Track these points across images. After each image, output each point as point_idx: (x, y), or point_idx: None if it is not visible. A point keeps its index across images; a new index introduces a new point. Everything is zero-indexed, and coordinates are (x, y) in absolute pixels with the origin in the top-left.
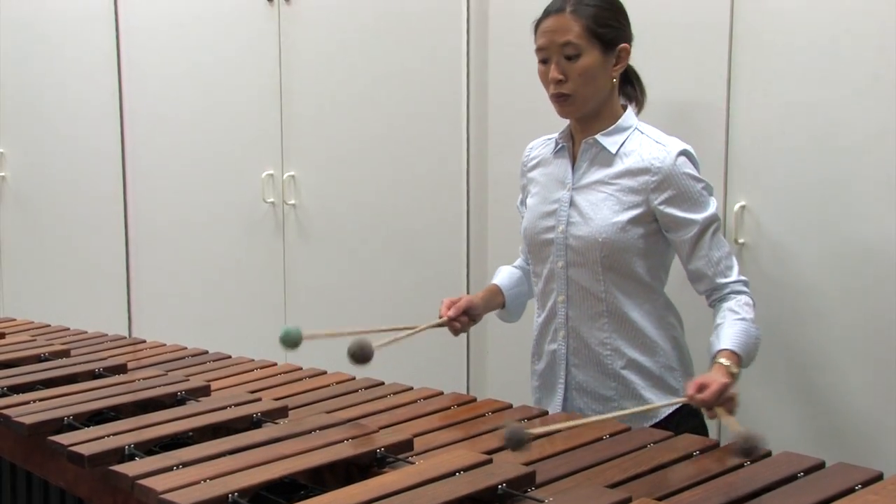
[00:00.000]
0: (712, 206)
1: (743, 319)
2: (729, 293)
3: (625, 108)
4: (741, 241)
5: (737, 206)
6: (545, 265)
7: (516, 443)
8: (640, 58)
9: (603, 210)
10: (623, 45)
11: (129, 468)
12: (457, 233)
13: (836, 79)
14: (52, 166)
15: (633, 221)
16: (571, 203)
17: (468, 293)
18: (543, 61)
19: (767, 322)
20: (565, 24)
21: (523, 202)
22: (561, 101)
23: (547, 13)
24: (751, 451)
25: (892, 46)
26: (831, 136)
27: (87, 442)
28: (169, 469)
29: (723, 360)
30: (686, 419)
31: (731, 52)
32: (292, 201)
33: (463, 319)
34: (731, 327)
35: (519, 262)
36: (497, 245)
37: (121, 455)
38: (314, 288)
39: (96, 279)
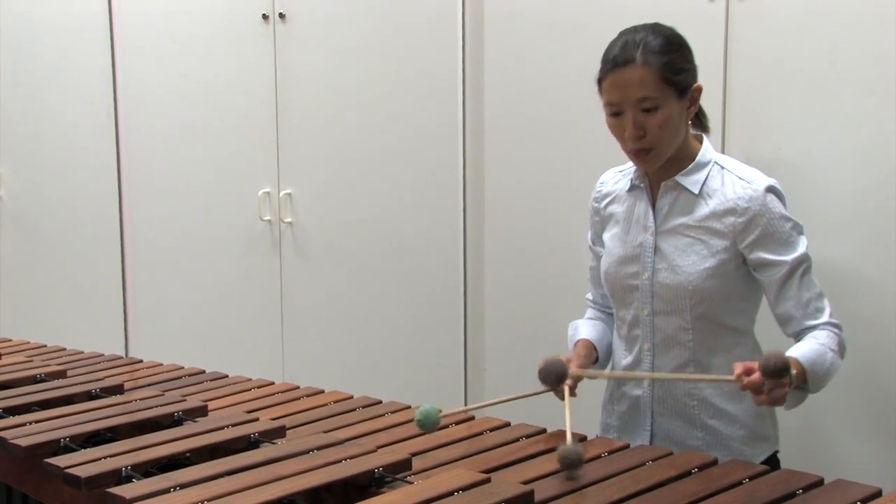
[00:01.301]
0: (802, 246)
1: (823, 345)
2: (818, 330)
3: (699, 140)
4: None
5: None
6: (629, 310)
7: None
8: None
9: (690, 256)
10: (696, 85)
11: (126, 490)
12: (453, 250)
13: (832, 95)
14: (48, 186)
15: (721, 266)
16: (656, 249)
17: (465, 310)
18: (614, 114)
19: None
20: (638, 76)
21: (595, 241)
22: (642, 155)
23: (614, 64)
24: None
25: (888, 64)
26: (828, 153)
27: (83, 464)
28: (166, 491)
29: None
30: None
31: (725, 73)
32: (289, 219)
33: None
34: (807, 345)
35: (591, 312)
36: (493, 260)
37: (118, 477)
38: (311, 306)
39: (92, 298)
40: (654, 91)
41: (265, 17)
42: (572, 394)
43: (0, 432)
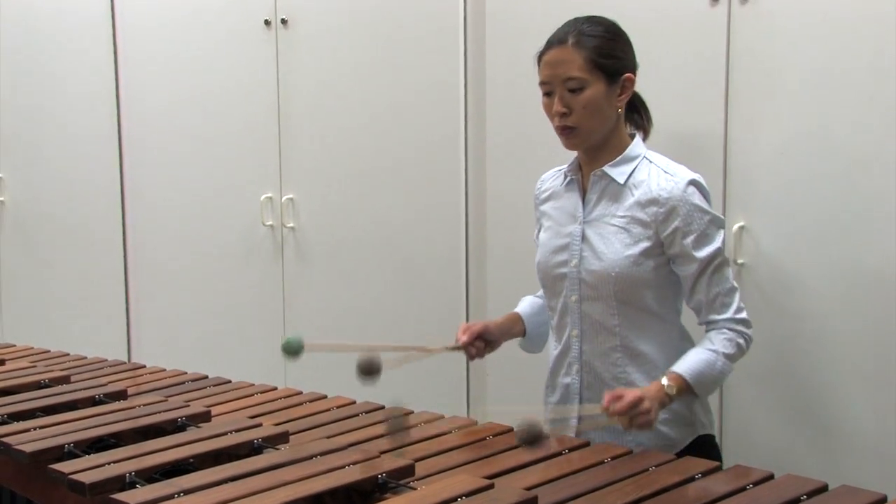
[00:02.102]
0: (717, 241)
1: (713, 351)
2: (719, 329)
3: (632, 137)
4: (740, 261)
5: (735, 227)
6: (559, 299)
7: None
8: (639, 82)
9: (615, 244)
10: (627, 74)
11: (130, 496)
12: (455, 255)
13: (833, 100)
14: (51, 191)
15: (644, 254)
16: (583, 237)
17: (467, 315)
18: (547, 94)
19: (768, 342)
20: (568, 56)
21: (538, 235)
22: (566, 133)
23: (549, 45)
24: (532, 440)
25: (888, 70)
26: (829, 157)
27: (87, 470)
28: (170, 497)
29: (664, 380)
30: (707, 453)
31: (727, 77)
32: (291, 224)
33: (479, 345)
34: (695, 355)
35: (542, 291)
36: (496, 266)
37: (122, 483)
38: (313, 311)
39: (95, 304)
40: (581, 72)
41: (267, 23)
42: (473, 354)
43: (4, 438)
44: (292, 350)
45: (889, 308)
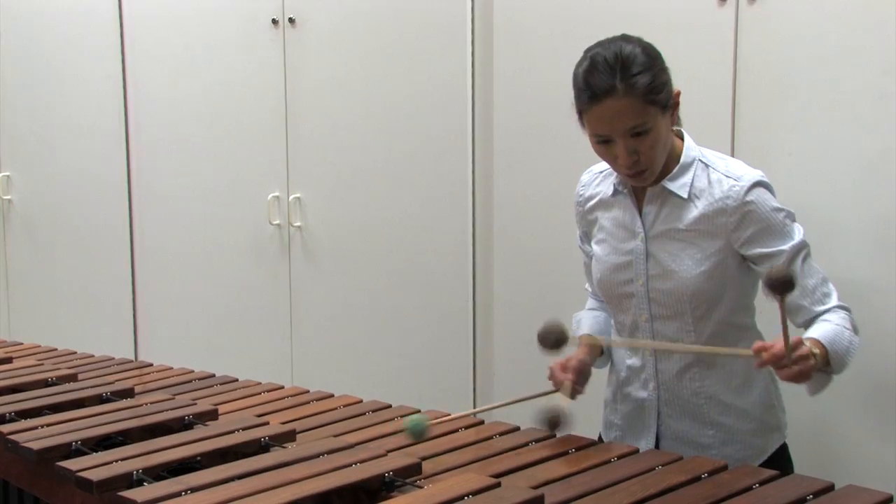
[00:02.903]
0: (798, 234)
1: (838, 325)
2: (829, 314)
3: (680, 137)
4: None
5: None
6: (627, 315)
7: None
8: None
9: (685, 261)
10: (676, 91)
11: (137, 494)
12: (462, 253)
13: (841, 101)
14: (58, 190)
15: (718, 268)
16: (647, 254)
17: (473, 314)
18: (603, 142)
19: None
20: (624, 106)
21: (584, 240)
22: (638, 177)
23: (595, 98)
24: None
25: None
26: (837, 159)
27: (95, 467)
28: (177, 495)
29: (805, 341)
30: (785, 461)
31: (735, 77)
32: (298, 223)
33: (580, 386)
34: (822, 326)
35: (592, 302)
36: (503, 266)
37: (129, 480)
38: (320, 310)
39: (102, 302)
40: (642, 117)
41: (275, 22)
42: (578, 391)
43: (12, 436)
44: (417, 434)
45: (890, 315)
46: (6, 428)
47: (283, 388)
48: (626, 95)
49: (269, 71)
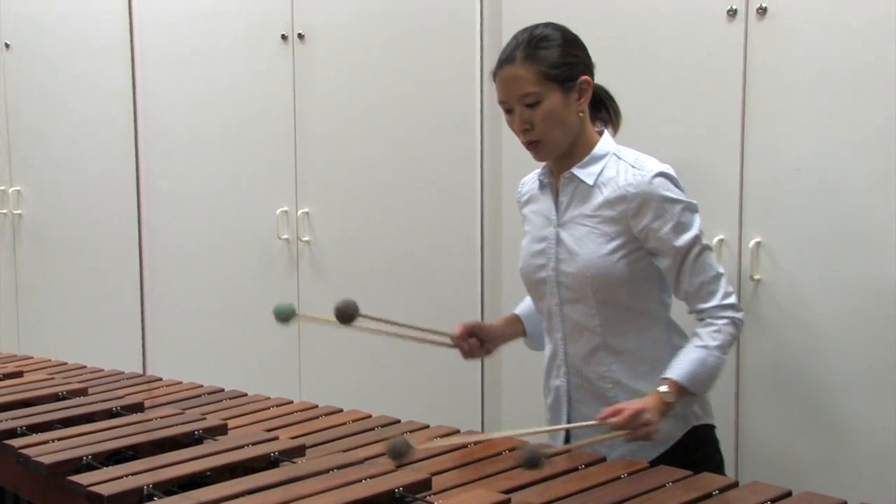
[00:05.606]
0: (694, 228)
1: (704, 347)
2: (706, 319)
3: (601, 135)
4: (756, 277)
5: (752, 243)
6: (543, 303)
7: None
8: (655, 96)
9: (588, 244)
10: (583, 78)
11: None
12: (471, 269)
13: (850, 115)
14: (67, 204)
15: (618, 251)
16: (558, 240)
17: None
18: (508, 111)
19: (784, 358)
20: (519, 73)
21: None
22: (532, 147)
23: (500, 64)
24: (533, 462)
25: None
26: (846, 173)
27: (105, 482)
28: None
29: (661, 388)
30: (702, 445)
31: (744, 90)
32: (306, 238)
33: (472, 342)
34: (686, 355)
35: None
36: (511, 280)
37: (139, 495)
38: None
39: (111, 316)
40: (535, 86)
41: (284, 37)
42: (463, 349)
43: (23, 450)
44: (283, 316)
45: None
46: (18, 442)
47: (292, 402)
48: (523, 64)
49: (277, 86)
